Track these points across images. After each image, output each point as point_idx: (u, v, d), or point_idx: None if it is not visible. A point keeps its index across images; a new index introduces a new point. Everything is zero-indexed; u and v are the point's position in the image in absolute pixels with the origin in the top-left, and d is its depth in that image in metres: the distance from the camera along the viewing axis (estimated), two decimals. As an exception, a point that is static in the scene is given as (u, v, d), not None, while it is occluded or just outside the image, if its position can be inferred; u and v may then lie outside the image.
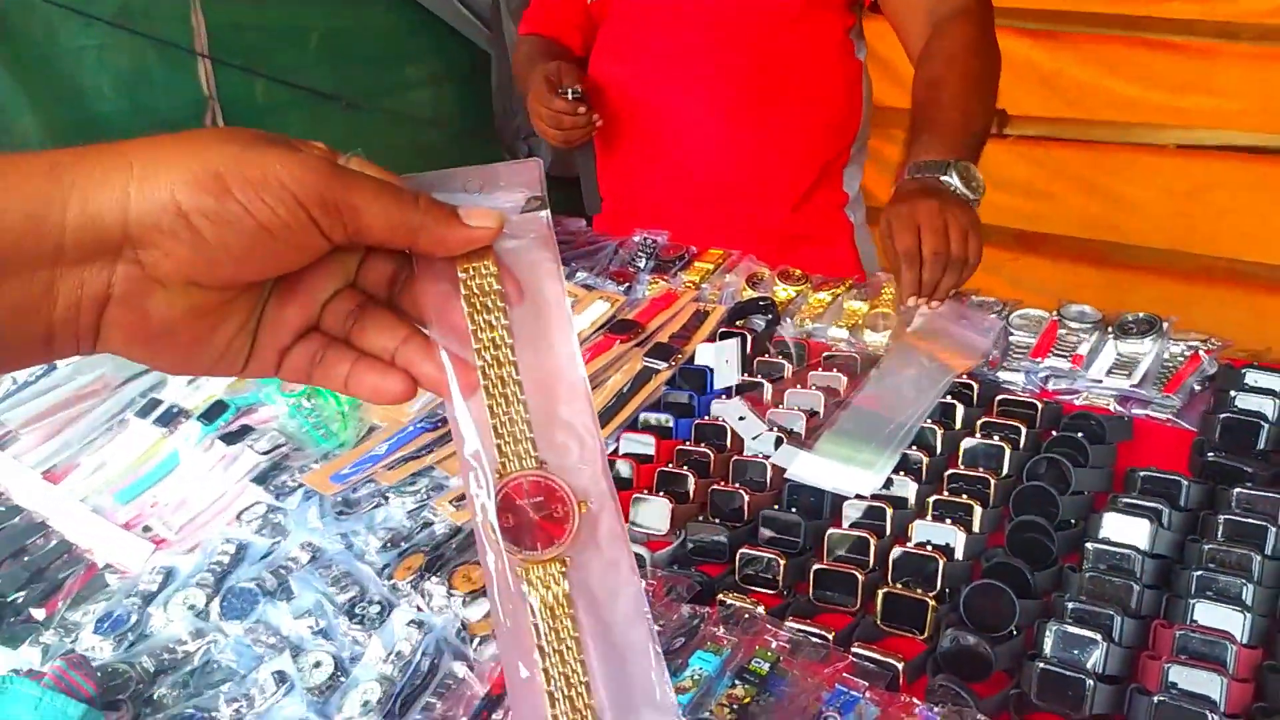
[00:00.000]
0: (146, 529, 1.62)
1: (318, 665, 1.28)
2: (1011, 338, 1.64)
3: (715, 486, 1.41)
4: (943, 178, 1.77)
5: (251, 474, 1.67)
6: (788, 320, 1.83)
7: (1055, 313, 1.64)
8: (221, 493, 1.66)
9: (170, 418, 1.82)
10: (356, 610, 1.35)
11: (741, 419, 1.53)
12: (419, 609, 1.35)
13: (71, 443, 1.83)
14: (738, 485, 1.40)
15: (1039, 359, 1.56)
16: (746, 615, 1.24)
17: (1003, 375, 1.58)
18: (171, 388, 1.92)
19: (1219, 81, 3.51)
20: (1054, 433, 1.39)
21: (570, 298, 1.94)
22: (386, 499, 1.56)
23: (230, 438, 1.74)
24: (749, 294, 1.91)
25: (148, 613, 1.40)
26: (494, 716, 1.17)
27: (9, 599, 1.50)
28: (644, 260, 2.08)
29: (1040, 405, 1.44)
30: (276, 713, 1.22)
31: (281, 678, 1.25)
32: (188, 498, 1.67)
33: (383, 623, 1.33)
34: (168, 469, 1.74)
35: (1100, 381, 1.50)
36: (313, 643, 1.33)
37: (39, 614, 1.48)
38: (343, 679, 1.27)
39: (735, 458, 1.46)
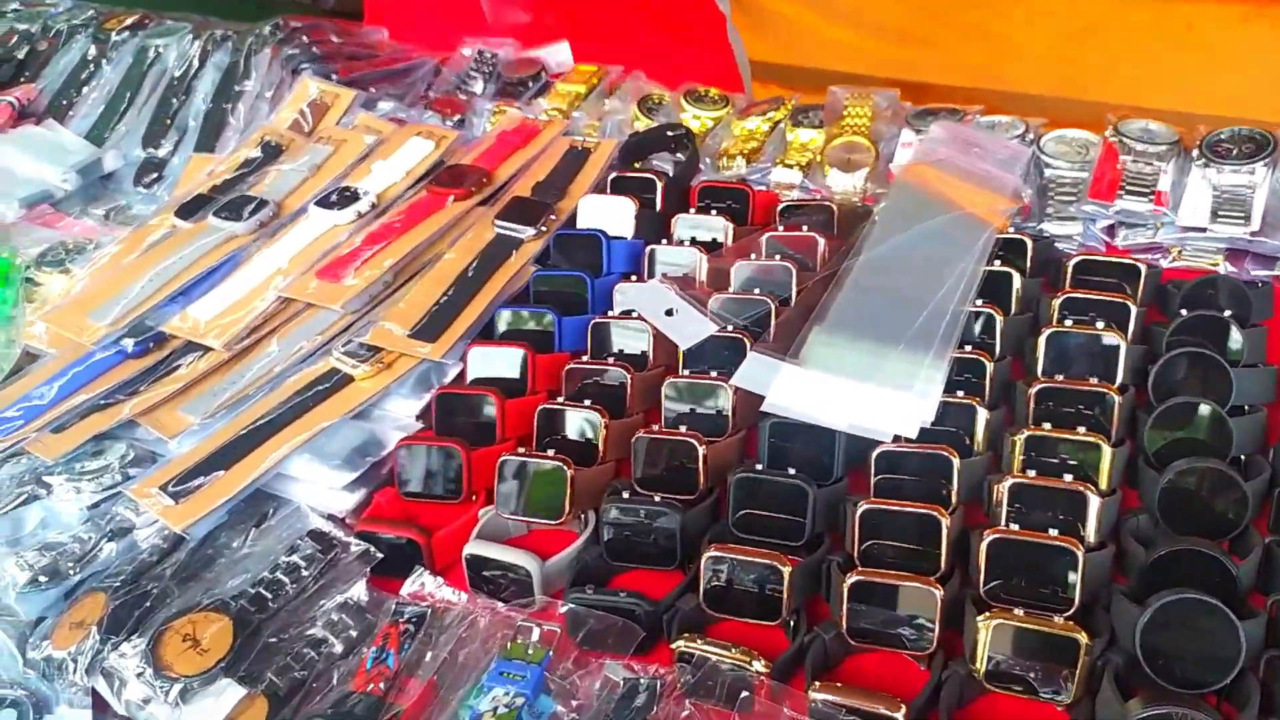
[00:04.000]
0: None
1: None
2: (1049, 172, 1.10)
3: (643, 434, 0.81)
4: None
5: None
6: (706, 161, 1.22)
7: (1111, 131, 1.11)
8: None
9: None
10: (-37, 727, 0.68)
11: (670, 313, 0.92)
12: (103, 707, 0.70)
13: None
14: (683, 430, 0.81)
15: (1105, 202, 1.03)
16: (728, 678, 0.67)
17: (1048, 227, 1.05)
18: None
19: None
20: (1182, 313, 0.86)
21: (371, 135, 1.25)
22: (46, 487, 0.86)
23: None
24: (644, 123, 1.28)
25: None
26: None
27: None
28: (481, 83, 1.40)
29: (1143, 270, 0.91)
30: None
31: None
32: None
33: (17, 751, 0.67)
34: None
35: (1204, 230, 0.99)
36: None
37: None
38: None
39: (672, 379, 0.86)
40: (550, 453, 0.80)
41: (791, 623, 0.72)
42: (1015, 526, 0.70)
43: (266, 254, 1.08)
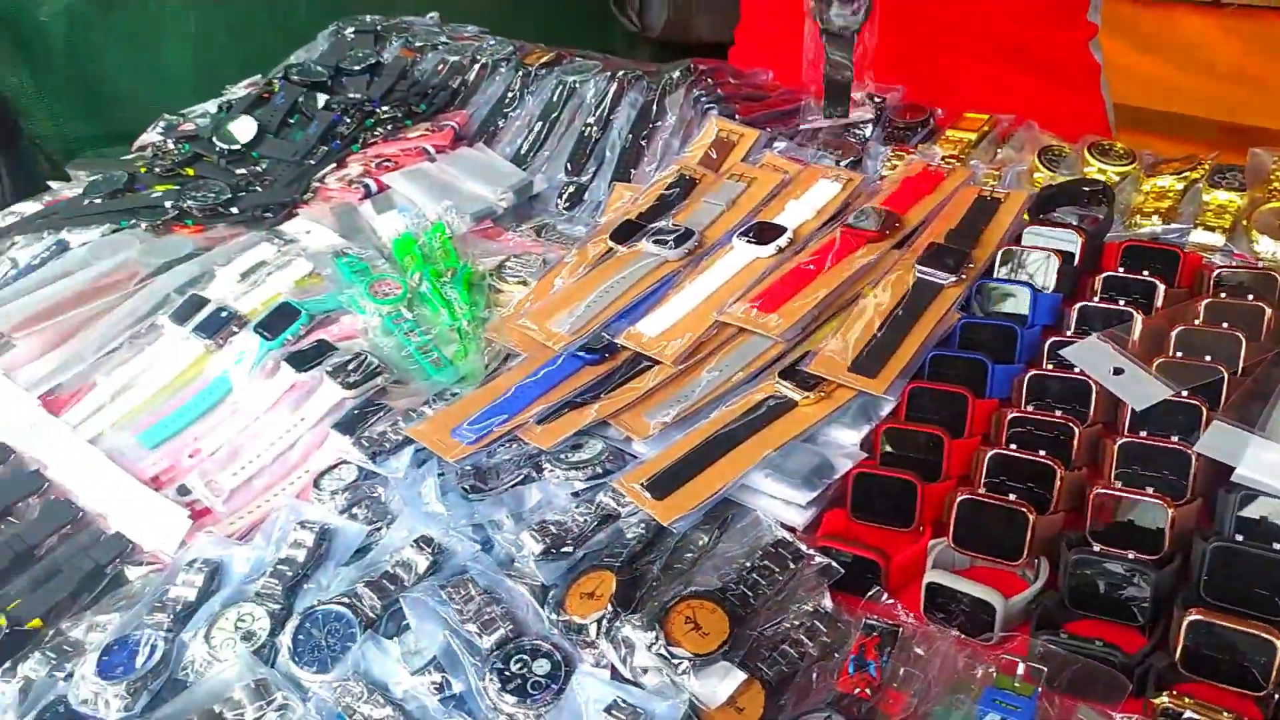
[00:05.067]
0: (183, 490, 1.11)
1: (456, 768, 0.77)
2: None
3: (1103, 489, 0.84)
4: None
5: (333, 417, 1.14)
6: (1115, 218, 1.23)
7: None
8: (290, 443, 1.14)
9: (218, 325, 1.30)
10: (512, 668, 0.82)
11: (1117, 372, 0.95)
12: (613, 671, 0.82)
13: (83, 354, 1.32)
14: (1150, 491, 0.83)
15: None
16: (1223, 742, 0.69)
17: None
18: (220, 281, 1.38)
19: None
20: None
21: (780, 174, 1.35)
22: (539, 470, 1.02)
23: (301, 359, 1.20)
24: (1045, 174, 1.30)
25: (181, 642, 0.89)
26: None
27: (-16, 588, 1.01)
28: (869, 126, 1.47)
29: None
30: None
31: (399, 794, 0.74)
32: (241, 446, 1.15)
33: (558, 695, 0.80)
34: (213, 400, 1.22)
35: None
36: (445, 718, 0.81)
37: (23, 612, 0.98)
38: (498, 795, 0.76)
39: (1125, 440, 0.88)
40: (1011, 497, 0.85)
41: (1277, 696, 0.73)
42: None
43: (698, 281, 1.20)
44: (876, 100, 1.50)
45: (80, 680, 0.86)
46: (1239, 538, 0.78)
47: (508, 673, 0.81)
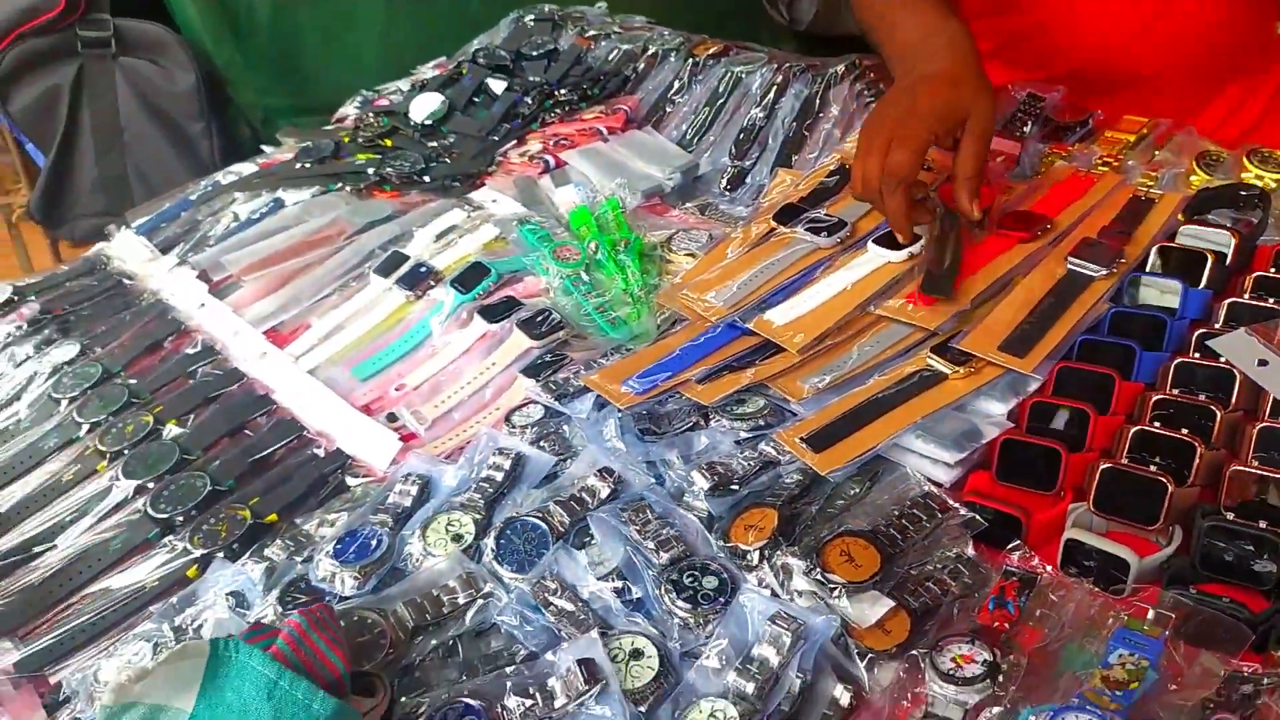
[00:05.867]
0: (391, 417, 1.27)
1: (638, 656, 0.90)
2: None
3: (1239, 467, 0.91)
4: None
5: (520, 364, 1.29)
6: (1270, 223, 1.26)
7: None
8: (483, 383, 1.29)
9: (417, 279, 1.46)
10: (685, 581, 0.94)
11: (1262, 364, 1.00)
12: (775, 593, 0.94)
13: (299, 298, 1.51)
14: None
15: None
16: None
17: None
18: (418, 241, 1.55)
19: None
20: None
21: (932, 175, 1.41)
22: (705, 420, 1.14)
23: (491, 312, 1.36)
24: (1201, 178, 1.34)
25: (401, 538, 1.05)
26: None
27: (225, 487, 1.19)
28: (1029, 124, 1.53)
29: None
30: (586, 722, 0.85)
31: (591, 672, 0.87)
32: (440, 383, 1.31)
33: (726, 605, 0.92)
34: (415, 342, 1.39)
35: None
36: (625, 617, 0.94)
37: (262, 508, 1.15)
38: (672, 683, 0.88)
39: (1265, 425, 0.94)
40: (1152, 469, 0.92)
41: (1399, 663, 0.79)
42: None
43: (831, 278, 1.27)
44: (1038, 101, 1.55)
45: (320, 562, 1.02)
46: (1372, 518, 0.84)
47: (681, 584, 0.94)
